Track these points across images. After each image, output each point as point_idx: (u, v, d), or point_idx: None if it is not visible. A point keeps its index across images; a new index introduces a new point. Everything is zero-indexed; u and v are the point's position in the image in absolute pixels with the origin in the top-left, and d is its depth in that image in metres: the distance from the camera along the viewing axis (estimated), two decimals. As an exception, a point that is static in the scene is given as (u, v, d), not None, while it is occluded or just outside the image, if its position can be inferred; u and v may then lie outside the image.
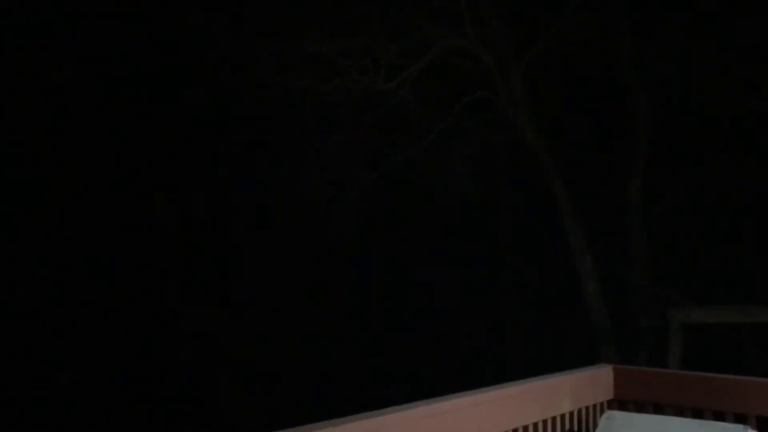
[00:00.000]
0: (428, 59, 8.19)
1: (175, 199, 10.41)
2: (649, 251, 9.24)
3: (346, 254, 9.89)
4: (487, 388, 2.67)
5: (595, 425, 3.05)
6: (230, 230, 10.57)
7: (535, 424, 2.84)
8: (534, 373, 3.09)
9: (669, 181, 9.36)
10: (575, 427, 3.10)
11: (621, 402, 3.26)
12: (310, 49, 7.51)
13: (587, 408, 3.16)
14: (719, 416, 2.93)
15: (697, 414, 3.00)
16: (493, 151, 10.02)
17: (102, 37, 9.66)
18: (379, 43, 7.87)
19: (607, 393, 3.26)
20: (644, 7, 9.12)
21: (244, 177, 9.74)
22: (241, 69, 8.02)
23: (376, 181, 8.44)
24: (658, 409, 3.13)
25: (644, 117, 9.31)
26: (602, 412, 3.13)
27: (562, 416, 3.01)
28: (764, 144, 8.75)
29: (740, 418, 2.87)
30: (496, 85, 8.91)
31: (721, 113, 8.38)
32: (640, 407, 3.19)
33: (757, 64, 8.16)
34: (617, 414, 2.97)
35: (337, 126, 8.16)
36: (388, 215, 9.47)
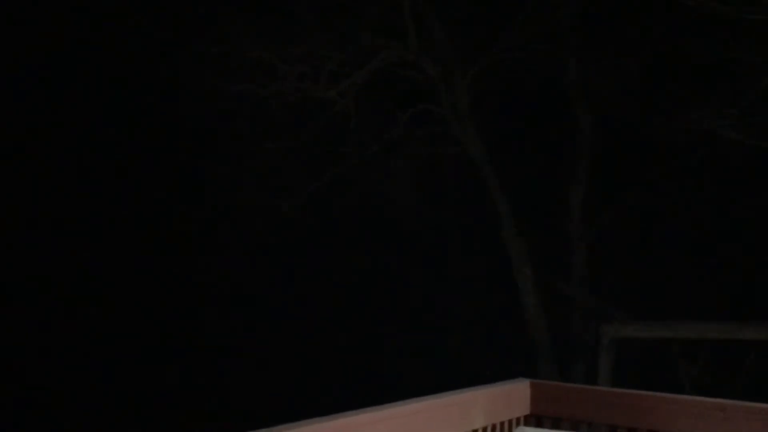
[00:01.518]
0: (371, 69, 8.13)
1: (100, 202, 10.12)
2: (588, 265, 9.32)
3: (284, 264, 9.74)
4: (392, 404, 2.57)
5: (510, 441, 2.98)
6: (161, 239, 10.31)
7: (445, 441, 2.75)
8: (469, 385, 3.02)
9: (609, 197, 9.48)
10: (488, 444, 3.03)
11: (537, 417, 3.21)
12: (248, 54, 7.38)
13: (502, 423, 3.10)
14: (632, 433, 2.90)
15: (612, 431, 2.97)
16: (437, 163, 10.01)
17: (37, 35, 9.37)
18: (320, 51, 7.78)
19: (523, 408, 3.20)
20: (589, 24, 9.26)
21: (177, 184, 9.52)
22: (176, 72, 7.83)
23: (315, 192, 8.32)
24: (574, 425, 3.09)
25: (586, 133, 9.42)
26: (517, 427, 3.07)
27: (475, 432, 2.94)
28: (700, 162, 8.93)
29: (652, 435, 2.84)
30: (441, 97, 8.91)
31: (660, 131, 8.52)
32: (556, 423, 3.14)
33: (695, 84, 8.34)
34: (529, 430, 2.91)
35: (275, 134, 8.02)
36: (328, 226, 9.37)
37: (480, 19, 9.25)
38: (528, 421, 3.19)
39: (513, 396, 3.16)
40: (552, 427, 3.09)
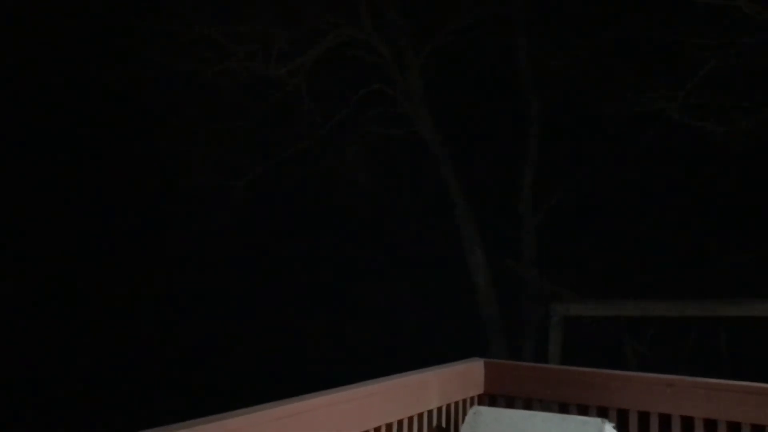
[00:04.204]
0: (322, 48, 8.02)
1: (46, 184, 9.77)
2: (538, 246, 9.45)
3: (233, 246, 9.59)
4: (347, 387, 2.54)
5: (464, 421, 2.99)
6: (107, 220, 10.02)
7: (400, 422, 2.74)
8: (424, 366, 3.02)
9: (559, 178, 9.60)
10: (443, 423, 3.03)
11: (491, 397, 3.23)
12: (195, 31, 7.17)
13: (456, 403, 3.10)
14: (583, 410, 2.94)
15: (563, 408, 3.00)
16: (390, 144, 9.97)
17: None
18: (270, 29, 7.62)
19: (477, 388, 3.22)
20: (540, 6, 9.30)
21: (122, 164, 9.24)
22: (121, 49, 7.57)
23: (265, 172, 8.19)
24: (527, 403, 3.11)
25: (536, 113, 9.50)
26: (472, 407, 3.08)
27: (429, 412, 2.94)
28: (649, 143, 9.11)
29: (602, 411, 2.89)
30: (393, 78, 8.86)
31: (610, 112, 8.64)
32: (510, 402, 3.17)
33: (644, 66, 8.48)
34: (484, 409, 2.92)
35: (224, 113, 7.85)
36: (278, 207, 9.25)
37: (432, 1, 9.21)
38: (482, 400, 3.21)
39: (467, 376, 3.17)
40: (506, 406, 3.12)
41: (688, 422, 2.73)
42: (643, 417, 2.82)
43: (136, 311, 10.01)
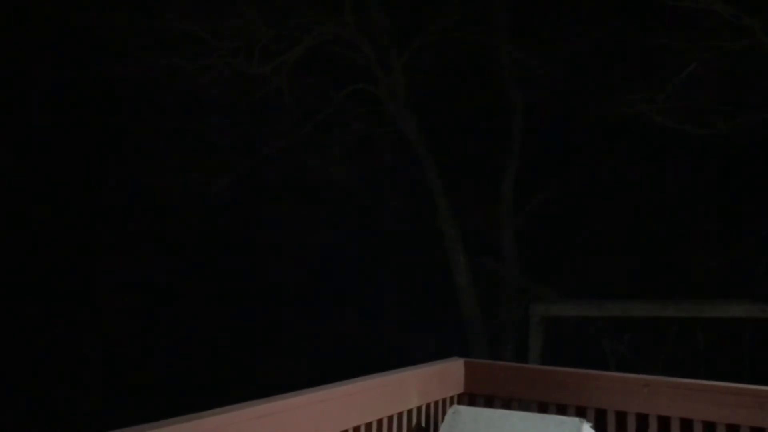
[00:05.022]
0: (305, 46, 7.98)
1: (16, 183, 9.61)
2: (519, 246, 9.49)
3: (214, 244, 9.52)
4: (326, 386, 2.53)
5: (444, 420, 2.99)
6: (86, 218, 9.89)
7: (379, 421, 2.74)
8: (405, 365, 3.02)
9: (540, 178, 9.65)
10: (423, 423, 3.03)
11: (471, 396, 3.24)
12: (177, 27, 7.10)
13: (436, 403, 3.11)
14: (562, 409, 2.96)
15: (542, 407, 3.02)
16: (373, 143, 9.97)
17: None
18: (253, 26, 7.57)
19: (457, 387, 3.23)
20: (522, 7, 9.34)
21: (102, 161, 9.13)
22: (101, 44, 7.48)
23: (247, 170, 8.14)
24: (506, 402, 3.13)
25: (519, 114, 9.54)
26: (451, 406, 3.09)
27: (409, 412, 2.94)
28: (630, 145, 9.19)
29: (580, 411, 2.91)
30: (377, 77, 8.85)
31: (592, 114, 8.71)
32: (489, 401, 3.18)
33: (625, 68, 8.55)
34: (463, 409, 2.93)
35: (206, 110, 7.79)
36: (260, 206, 9.20)
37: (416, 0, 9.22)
38: (462, 399, 3.22)
39: (447, 375, 3.18)
40: (485, 405, 3.13)
41: (664, 422, 2.76)
42: (621, 417, 2.85)
43: (106, 307, 9.89)
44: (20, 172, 9.66)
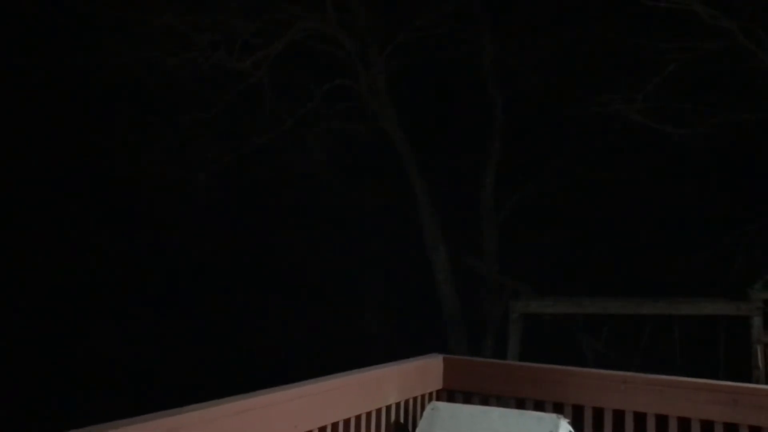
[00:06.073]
0: (287, 41, 7.94)
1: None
2: (498, 243, 9.53)
3: (194, 240, 9.45)
4: (305, 382, 2.52)
5: (422, 416, 3.00)
6: (67, 213, 9.77)
7: (358, 417, 2.74)
8: (385, 361, 3.02)
9: (521, 176, 9.69)
10: (401, 419, 3.04)
11: (450, 392, 3.24)
12: (158, 20, 7.03)
13: (415, 399, 3.11)
14: (539, 405, 2.97)
15: (520, 403, 3.03)
16: (354, 139, 9.94)
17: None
18: (234, 20, 7.51)
19: (436, 383, 3.23)
20: (504, 5, 9.37)
21: (84, 156, 9.00)
22: (81, 38, 7.38)
23: (228, 164, 8.08)
24: (485, 398, 3.14)
25: (499, 112, 9.57)
26: (430, 402, 3.09)
27: (388, 408, 2.93)
28: (610, 143, 9.25)
29: (558, 407, 2.92)
30: (358, 73, 8.83)
31: (571, 112, 8.76)
32: (468, 397, 3.18)
33: (605, 68, 8.61)
34: (441, 405, 2.93)
35: (186, 104, 7.72)
36: (240, 202, 9.14)
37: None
38: (440, 395, 3.22)
39: (426, 371, 3.18)
40: (464, 401, 3.14)
41: (640, 418, 2.79)
42: (598, 413, 2.87)
43: (91, 306, 9.80)
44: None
